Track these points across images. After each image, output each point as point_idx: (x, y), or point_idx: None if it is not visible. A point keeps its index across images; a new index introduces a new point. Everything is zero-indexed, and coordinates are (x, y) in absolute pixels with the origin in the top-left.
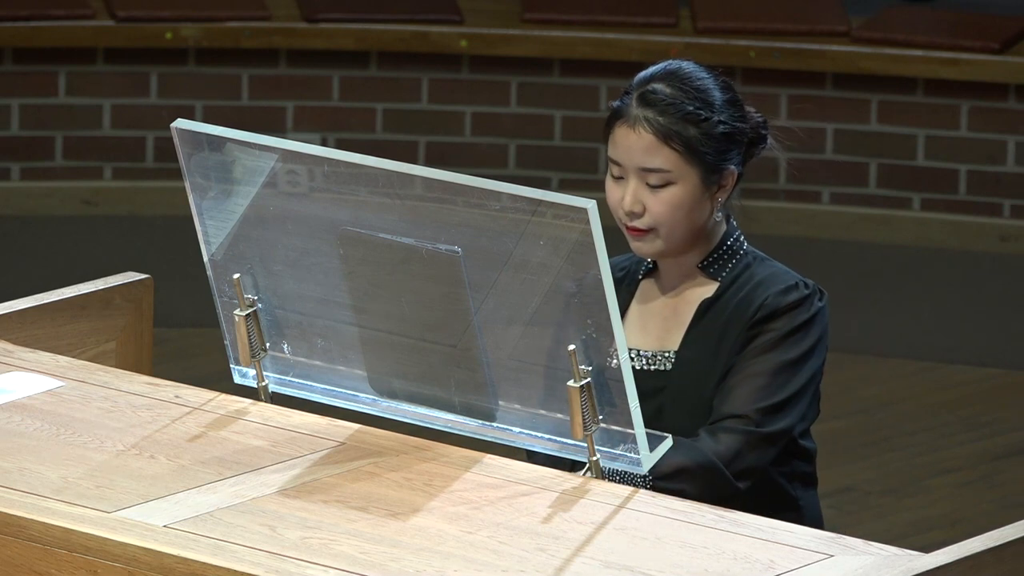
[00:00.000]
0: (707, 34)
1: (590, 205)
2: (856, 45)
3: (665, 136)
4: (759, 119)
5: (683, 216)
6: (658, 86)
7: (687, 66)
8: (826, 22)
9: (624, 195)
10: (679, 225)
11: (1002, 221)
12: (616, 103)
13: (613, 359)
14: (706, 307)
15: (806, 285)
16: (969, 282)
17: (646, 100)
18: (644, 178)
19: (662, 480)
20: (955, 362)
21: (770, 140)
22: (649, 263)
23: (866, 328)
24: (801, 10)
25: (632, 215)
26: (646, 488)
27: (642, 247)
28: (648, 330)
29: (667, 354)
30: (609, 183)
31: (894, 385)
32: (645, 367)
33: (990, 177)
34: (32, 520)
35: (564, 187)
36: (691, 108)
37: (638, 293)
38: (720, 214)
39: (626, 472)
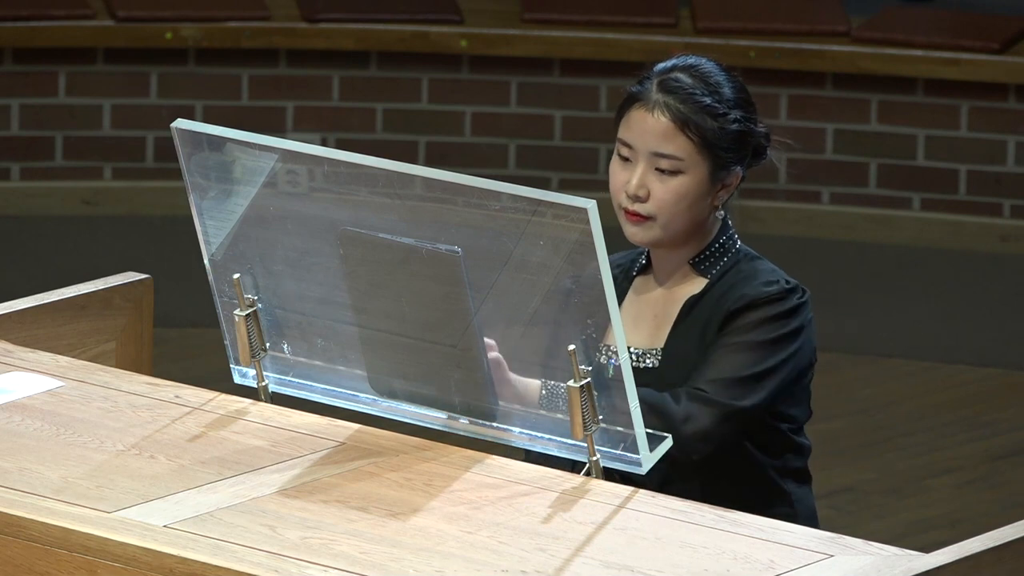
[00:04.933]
0: (707, 34)
1: (590, 205)
2: (856, 45)
3: (683, 123)
4: (764, 130)
5: (685, 208)
6: (680, 75)
7: (706, 63)
8: (826, 22)
9: (631, 178)
10: (680, 216)
11: (1002, 221)
12: (635, 88)
13: (602, 356)
14: (692, 304)
15: (787, 282)
16: (969, 282)
17: (667, 87)
18: (654, 163)
19: None
20: (955, 362)
21: (770, 153)
22: (643, 260)
23: (866, 328)
24: (801, 10)
25: (635, 199)
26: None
27: (638, 233)
28: (640, 328)
29: (655, 351)
30: (615, 165)
31: (894, 385)
32: (635, 364)
33: (990, 177)
34: (32, 520)
35: (564, 187)
36: (710, 101)
37: (631, 291)
38: (719, 213)
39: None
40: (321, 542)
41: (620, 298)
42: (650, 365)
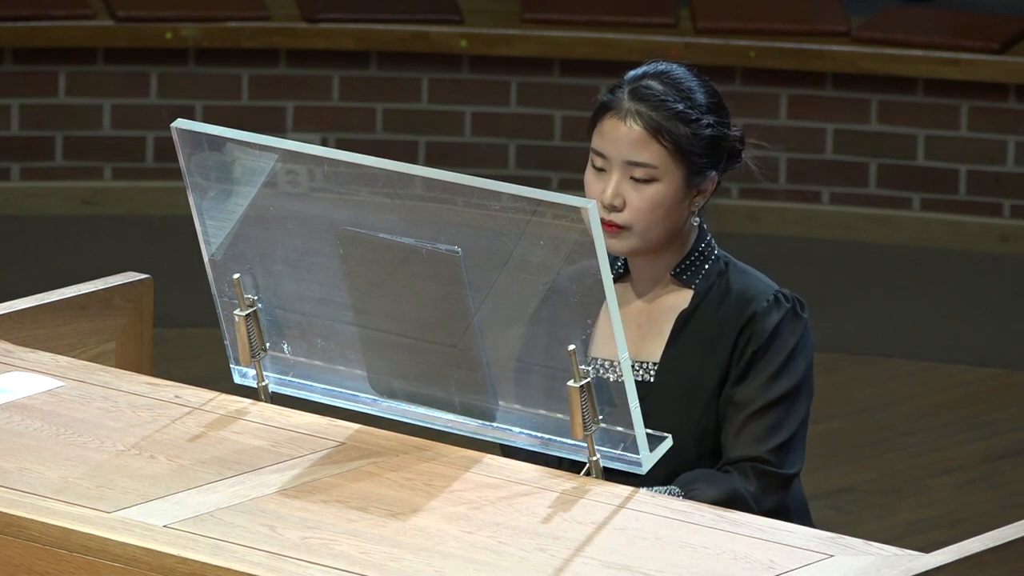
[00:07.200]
0: (707, 34)
1: (590, 205)
2: (856, 45)
3: (656, 131)
4: (737, 133)
5: (662, 215)
6: (651, 83)
7: (677, 68)
8: (826, 22)
9: (606, 188)
10: (656, 224)
11: (1002, 221)
12: (606, 96)
13: (609, 374)
14: (685, 319)
15: (786, 298)
16: (969, 282)
17: (639, 95)
18: (628, 172)
19: None
20: (955, 362)
21: (744, 156)
22: (620, 268)
23: (866, 328)
24: (801, 10)
25: (612, 208)
26: None
27: (615, 244)
28: None
29: (646, 365)
30: (589, 176)
31: (894, 385)
32: (621, 377)
33: (990, 177)
34: (32, 520)
35: (564, 187)
36: (682, 107)
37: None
38: (695, 219)
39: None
40: (321, 542)
41: (597, 307)
42: (640, 379)
